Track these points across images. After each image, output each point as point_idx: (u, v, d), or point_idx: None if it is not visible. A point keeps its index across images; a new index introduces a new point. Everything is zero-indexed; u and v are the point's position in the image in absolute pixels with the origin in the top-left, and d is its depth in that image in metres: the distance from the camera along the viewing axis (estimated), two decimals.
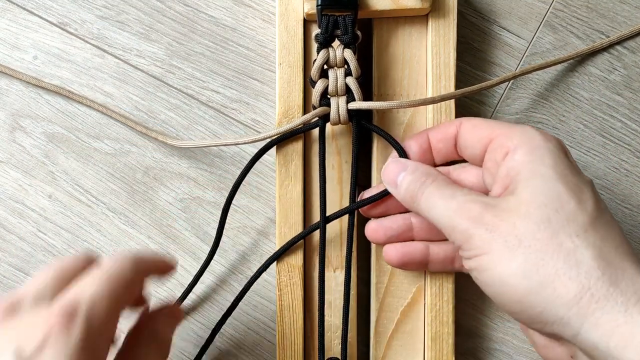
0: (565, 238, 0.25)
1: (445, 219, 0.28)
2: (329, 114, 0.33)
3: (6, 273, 0.38)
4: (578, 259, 0.25)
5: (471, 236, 0.27)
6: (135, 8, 0.38)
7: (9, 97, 0.38)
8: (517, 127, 0.29)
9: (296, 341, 0.35)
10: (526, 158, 0.27)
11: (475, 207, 0.27)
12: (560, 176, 0.27)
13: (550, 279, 0.25)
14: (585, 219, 0.26)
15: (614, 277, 0.24)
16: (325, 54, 0.32)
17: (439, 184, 0.29)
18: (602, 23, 0.38)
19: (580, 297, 0.24)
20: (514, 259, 0.25)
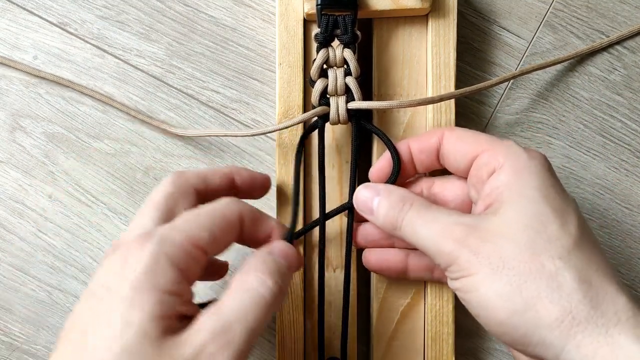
0: (547, 260, 0.25)
1: (430, 243, 0.28)
2: (329, 113, 0.33)
3: (6, 273, 0.38)
4: (560, 282, 0.25)
5: (456, 258, 0.27)
6: (135, 8, 0.38)
7: (9, 97, 0.38)
8: (503, 145, 0.29)
9: (296, 341, 0.35)
10: (511, 178, 0.27)
11: (458, 229, 0.27)
12: (544, 197, 0.27)
13: (532, 302, 0.25)
14: (569, 240, 0.26)
15: (595, 299, 0.25)
16: (324, 53, 0.32)
17: (418, 208, 0.29)
18: (602, 23, 0.38)
19: (562, 320, 0.24)
20: (498, 281, 0.25)
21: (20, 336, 0.38)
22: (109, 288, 0.24)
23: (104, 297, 0.24)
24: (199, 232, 0.26)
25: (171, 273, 0.24)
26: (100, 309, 0.24)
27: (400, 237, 0.30)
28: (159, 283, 0.24)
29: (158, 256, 0.24)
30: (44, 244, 0.38)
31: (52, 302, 0.38)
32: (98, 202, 0.38)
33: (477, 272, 0.26)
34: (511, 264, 0.25)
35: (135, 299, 0.23)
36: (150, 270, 0.24)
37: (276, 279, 0.26)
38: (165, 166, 0.38)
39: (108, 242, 0.38)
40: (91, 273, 0.38)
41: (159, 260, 0.24)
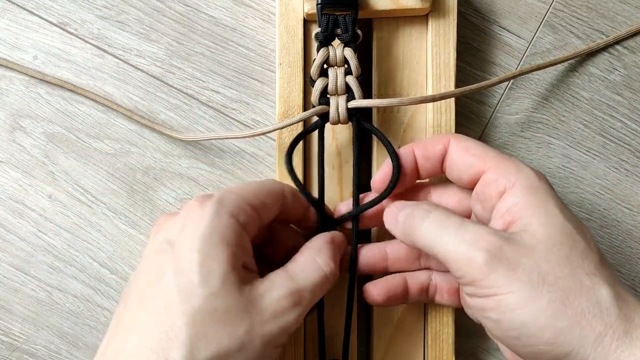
0: (583, 275, 0.25)
1: (458, 250, 0.26)
2: (329, 113, 0.33)
3: (6, 273, 0.38)
4: (598, 297, 0.25)
5: (491, 272, 0.25)
6: (135, 8, 0.38)
7: (9, 97, 0.38)
8: (512, 164, 0.28)
9: (296, 341, 0.35)
10: (530, 197, 0.27)
11: (493, 239, 0.26)
12: (566, 216, 0.27)
13: (577, 319, 0.25)
14: (596, 257, 0.26)
15: (628, 313, 0.25)
16: (325, 52, 0.32)
17: (443, 213, 0.28)
18: (602, 23, 0.38)
19: (605, 335, 0.24)
20: (541, 298, 0.25)
21: (20, 336, 0.38)
22: (173, 243, 0.26)
23: (170, 251, 0.26)
24: (252, 196, 0.28)
25: (235, 226, 0.27)
26: (172, 261, 0.26)
27: (420, 242, 0.29)
28: (226, 236, 0.26)
29: (220, 212, 0.26)
30: (44, 244, 0.38)
31: (52, 302, 0.38)
32: (98, 202, 0.38)
33: (514, 291, 0.25)
34: (551, 280, 0.25)
35: (210, 251, 0.26)
36: (215, 225, 0.26)
37: (337, 264, 0.30)
38: (165, 166, 0.38)
39: (108, 242, 0.38)
40: (91, 273, 0.38)
41: (222, 216, 0.26)
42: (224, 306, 0.25)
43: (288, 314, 0.27)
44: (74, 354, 0.38)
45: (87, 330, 0.38)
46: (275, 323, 0.26)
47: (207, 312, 0.25)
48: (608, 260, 0.28)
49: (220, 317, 0.25)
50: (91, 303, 0.38)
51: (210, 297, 0.25)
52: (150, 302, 0.26)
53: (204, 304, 0.25)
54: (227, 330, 0.25)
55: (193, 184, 0.38)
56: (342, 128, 0.35)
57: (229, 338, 0.25)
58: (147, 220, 0.38)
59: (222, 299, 0.25)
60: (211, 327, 0.25)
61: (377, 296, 0.32)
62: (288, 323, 0.27)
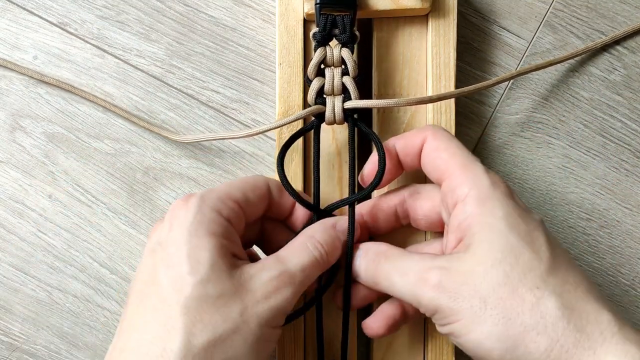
0: (525, 292, 0.25)
1: (409, 294, 0.28)
2: (324, 113, 0.33)
3: (6, 273, 0.38)
4: (542, 311, 0.25)
5: (438, 307, 0.27)
6: (135, 8, 0.38)
7: (9, 97, 0.38)
8: (469, 172, 0.28)
9: (296, 341, 0.35)
10: (477, 210, 0.27)
11: (433, 274, 0.27)
12: (511, 227, 0.27)
13: (521, 337, 0.25)
14: (542, 267, 0.26)
15: (579, 322, 0.25)
16: (322, 52, 0.32)
17: (393, 260, 0.29)
18: (602, 23, 0.38)
19: (551, 350, 0.25)
20: (484, 323, 0.26)
21: (20, 336, 0.38)
22: (162, 242, 0.27)
23: (160, 250, 0.27)
24: (233, 192, 0.29)
25: (217, 218, 0.27)
26: (162, 259, 0.27)
27: (382, 291, 0.30)
28: (211, 228, 0.27)
29: (202, 207, 0.27)
30: (44, 244, 0.38)
31: (52, 302, 0.38)
32: (98, 202, 0.38)
33: (461, 318, 0.26)
34: (492, 303, 0.26)
35: (197, 243, 0.27)
36: (199, 220, 0.27)
37: (329, 248, 0.30)
38: (165, 166, 0.38)
39: (108, 242, 0.38)
40: (91, 273, 0.38)
41: (204, 211, 0.27)
42: (216, 291, 0.26)
43: (280, 293, 0.27)
44: (74, 354, 0.38)
45: (87, 330, 0.38)
46: (268, 303, 0.27)
47: (200, 298, 0.26)
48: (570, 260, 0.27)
49: (213, 302, 0.26)
50: (91, 303, 0.38)
51: (201, 283, 0.26)
52: (148, 300, 0.27)
53: (196, 291, 0.26)
54: (221, 313, 0.26)
55: (193, 184, 0.38)
56: (342, 128, 0.35)
57: (223, 321, 0.26)
58: (147, 220, 0.38)
59: (212, 285, 0.26)
60: (205, 313, 0.25)
61: (378, 329, 0.32)
62: (281, 303, 0.27)
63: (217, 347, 0.25)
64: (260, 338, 0.27)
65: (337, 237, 0.31)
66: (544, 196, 0.38)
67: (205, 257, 0.26)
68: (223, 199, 0.28)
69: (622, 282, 0.38)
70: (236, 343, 0.26)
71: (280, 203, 0.32)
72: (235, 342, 0.26)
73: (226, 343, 0.26)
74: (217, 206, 0.28)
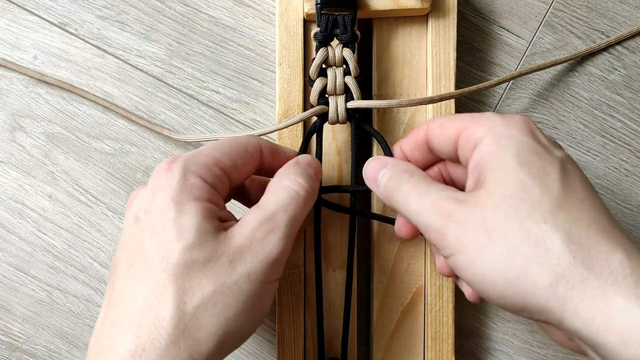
0: (532, 226, 0.25)
1: (419, 216, 0.28)
2: (327, 113, 0.33)
3: (6, 273, 0.38)
4: (548, 245, 0.24)
5: (444, 235, 0.26)
6: (135, 8, 0.38)
7: (9, 97, 0.38)
8: (482, 117, 0.28)
9: (296, 341, 0.35)
10: (491, 148, 0.27)
11: (447, 204, 0.27)
12: (523, 163, 0.26)
13: (524, 269, 0.24)
14: (552, 202, 0.25)
15: (587, 259, 0.24)
16: (324, 52, 0.32)
17: (415, 181, 0.29)
18: (602, 23, 0.38)
19: (556, 285, 0.24)
20: (488, 255, 0.25)
21: (20, 336, 0.38)
22: (147, 210, 0.27)
23: (144, 218, 0.27)
24: (221, 157, 0.29)
25: (201, 184, 0.27)
26: (147, 227, 0.27)
27: (395, 208, 0.30)
28: (195, 193, 0.27)
29: (186, 173, 0.27)
30: (44, 244, 0.38)
31: (52, 302, 0.38)
32: (98, 202, 0.38)
33: (466, 249, 0.26)
34: (498, 235, 0.25)
35: (181, 209, 0.26)
36: (183, 185, 0.27)
37: (307, 181, 0.29)
38: None
39: (108, 242, 0.38)
40: (91, 273, 0.38)
41: (188, 176, 0.27)
42: (203, 255, 0.26)
43: (265, 242, 0.27)
44: (74, 354, 0.38)
45: (87, 330, 0.38)
46: (256, 258, 0.26)
47: (187, 264, 0.26)
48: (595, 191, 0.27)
49: (201, 267, 0.26)
50: (91, 303, 0.38)
51: (188, 249, 0.26)
52: (135, 269, 0.27)
53: (183, 257, 0.26)
54: (210, 277, 0.26)
55: None
56: (342, 128, 0.35)
57: (212, 284, 0.26)
58: None
59: (198, 249, 0.26)
60: (193, 279, 0.26)
61: (406, 233, 0.32)
62: (270, 253, 0.27)
63: (209, 311, 0.25)
64: (254, 295, 0.26)
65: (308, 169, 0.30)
66: None
67: (191, 222, 0.26)
68: (208, 166, 0.28)
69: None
70: (228, 304, 0.26)
71: (272, 165, 0.31)
72: (227, 303, 0.26)
73: (217, 306, 0.26)
74: (201, 173, 0.28)
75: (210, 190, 0.28)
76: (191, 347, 0.25)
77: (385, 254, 0.36)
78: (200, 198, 0.27)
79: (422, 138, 0.31)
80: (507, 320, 0.38)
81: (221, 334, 0.26)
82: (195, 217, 0.26)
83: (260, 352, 0.38)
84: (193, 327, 0.25)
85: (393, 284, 0.36)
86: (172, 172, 0.27)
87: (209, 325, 0.25)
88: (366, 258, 0.37)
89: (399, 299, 0.36)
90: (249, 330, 0.27)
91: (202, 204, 0.27)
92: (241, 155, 0.29)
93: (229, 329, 0.26)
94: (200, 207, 0.27)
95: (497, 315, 0.38)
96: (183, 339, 0.25)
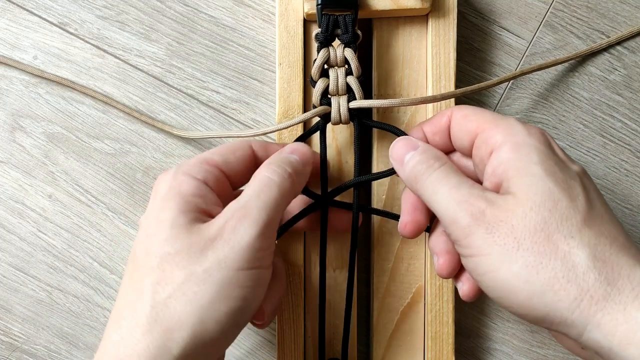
0: (560, 239, 0.25)
1: (447, 209, 0.27)
2: (330, 113, 0.33)
3: (6, 273, 0.38)
4: (575, 261, 0.25)
5: (471, 234, 0.26)
6: (135, 8, 0.38)
7: (9, 97, 0.38)
8: (502, 122, 0.28)
9: (296, 341, 0.35)
10: (512, 155, 0.27)
11: (479, 202, 0.27)
12: (549, 173, 0.26)
13: (550, 283, 0.25)
14: (578, 217, 0.26)
15: (610, 276, 0.24)
16: (325, 53, 0.32)
17: (446, 170, 0.28)
18: (602, 23, 0.38)
19: (581, 300, 0.24)
20: (514, 262, 0.25)
21: (20, 336, 0.38)
22: (147, 212, 0.29)
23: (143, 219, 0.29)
24: (211, 155, 0.30)
25: (189, 180, 0.29)
26: (140, 229, 0.29)
27: (420, 193, 0.29)
28: (180, 190, 0.28)
29: (176, 173, 0.29)
30: (44, 244, 0.38)
31: (52, 302, 0.38)
32: (98, 202, 0.38)
33: (492, 252, 0.26)
34: (526, 245, 0.25)
35: (164, 204, 0.28)
36: (172, 185, 0.28)
37: (285, 167, 0.30)
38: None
39: (108, 242, 0.38)
40: (91, 273, 0.38)
41: (177, 176, 0.29)
42: (174, 247, 0.27)
43: (236, 229, 0.27)
44: (74, 354, 0.38)
45: (87, 330, 0.38)
46: (227, 244, 0.27)
47: (161, 256, 0.27)
48: None
49: (172, 257, 0.27)
50: (91, 303, 0.38)
51: (161, 242, 0.27)
52: (128, 267, 0.28)
53: (158, 250, 0.27)
54: (180, 266, 0.26)
55: None
56: (342, 128, 0.35)
57: (185, 274, 0.26)
58: None
59: (172, 241, 0.27)
60: (166, 269, 0.26)
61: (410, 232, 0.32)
62: (240, 238, 0.27)
63: (179, 299, 0.26)
64: (227, 283, 0.26)
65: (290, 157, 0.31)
66: None
67: (167, 216, 0.27)
68: (198, 163, 0.29)
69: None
70: (199, 294, 0.26)
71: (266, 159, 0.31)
72: (196, 291, 0.26)
73: (187, 294, 0.26)
74: (190, 170, 0.29)
75: (199, 185, 0.29)
76: (164, 335, 0.25)
77: (385, 254, 0.36)
78: (182, 193, 0.28)
79: (445, 123, 0.31)
80: (507, 320, 0.38)
81: (195, 321, 0.26)
82: (172, 211, 0.27)
83: (260, 352, 0.38)
84: (165, 316, 0.26)
85: (393, 284, 0.36)
86: (166, 176, 0.29)
87: (182, 314, 0.26)
88: (366, 258, 0.37)
89: (399, 299, 0.36)
90: (229, 320, 0.27)
91: (184, 198, 0.28)
92: (232, 152, 0.31)
93: (204, 318, 0.26)
94: (179, 201, 0.28)
95: (497, 315, 0.38)
96: (155, 328, 0.26)
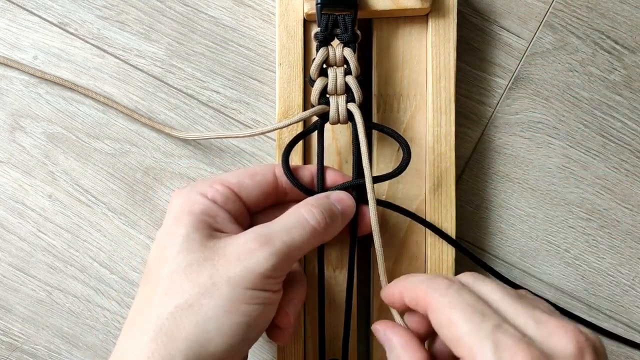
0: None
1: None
2: (328, 113, 0.33)
3: (6, 273, 0.38)
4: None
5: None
6: (135, 8, 0.38)
7: (9, 97, 0.38)
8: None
9: (296, 341, 0.35)
10: None
11: None
12: None
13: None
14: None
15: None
16: (324, 52, 0.32)
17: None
18: (602, 23, 0.38)
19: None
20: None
21: (20, 336, 0.38)
22: (162, 226, 0.30)
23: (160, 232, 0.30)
24: (227, 177, 0.31)
25: (201, 199, 0.30)
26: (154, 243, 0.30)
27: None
28: (192, 208, 0.29)
29: (189, 193, 0.30)
30: (44, 244, 0.38)
31: (52, 302, 0.38)
32: (98, 202, 0.38)
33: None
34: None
35: (177, 222, 0.29)
36: (184, 203, 0.30)
37: (324, 214, 0.30)
38: (165, 166, 0.38)
39: (108, 242, 0.38)
40: (91, 273, 0.38)
41: (190, 195, 0.30)
42: (186, 260, 0.28)
43: (254, 254, 0.27)
44: (74, 354, 0.38)
45: (87, 330, 0.38)
46: (241, 264, 0.27)
47: (172, 269, 0.28)
48: None
49: (183, 270, 0.27)
50: (91, 303, 0.38)
51: (174, 255, 0.28)
52: (143, 278, 0.29)
53: (170, 264, 0.28)
54: (190, 280, 0.27)
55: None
56: (342, 128, 0.35)
57: (192, 286, 0.27)
58: (147, 220, 0.38)
59: (184, 255, 0.28)
60: (175, 281, 0.27)
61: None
62: (255, 263, 0.27)
63: (185, 311, 0.27)
64: (233, 299, 0.27)
65: (333, 204, 0.31)
66: (544, 196, 0.38)
67: (180, 232, 0.28)
68: (211, 184, 0.30)
69: (622, 282, 0.38)
70: (205, 306, 0.27)
71: (293, 188, 0.32)
72: (204, 305, 0.27)
73: (194, 307, 0.27)
74: (202, 190, 0.30)
75: (210, 204, 0.29)
76: (169, 344, 0.26)
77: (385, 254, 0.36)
78: (193, 211, 0.29)
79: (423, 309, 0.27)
80: None
81: (199, 332, 0.26)
82: (185, 228, 0.28)
83: (261, 352, 0.38)
84: (171, 325, 0.26)
85: None
86: (180, 194, 0.30)
87: (187, 324, 0.26)
88: (366, 258, 0.37)
89: None
90: (234, 334, 0.27)
91: (196, 216, 0.29)
92: (250, 176, 0.31)
93: (209, 329, 0.26)
94: (192, 218, 0.29)
95: None
96: (161, 337, 0.26)
